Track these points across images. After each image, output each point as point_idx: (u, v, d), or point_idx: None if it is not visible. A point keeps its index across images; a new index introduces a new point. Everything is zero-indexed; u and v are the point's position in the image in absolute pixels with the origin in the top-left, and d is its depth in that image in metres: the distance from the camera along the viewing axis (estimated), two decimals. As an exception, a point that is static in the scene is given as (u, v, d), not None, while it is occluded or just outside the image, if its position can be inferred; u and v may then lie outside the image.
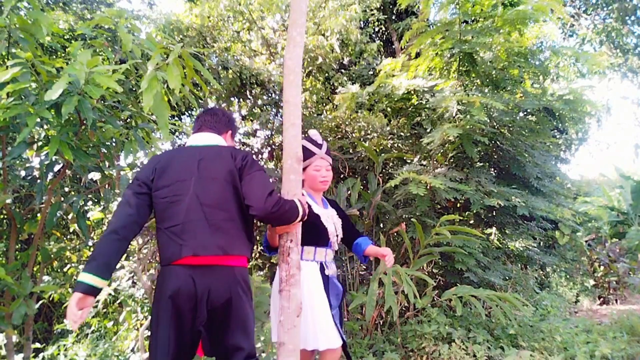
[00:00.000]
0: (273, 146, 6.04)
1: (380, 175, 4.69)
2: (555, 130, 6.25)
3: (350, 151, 5.00)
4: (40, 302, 3.85)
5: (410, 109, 4.88)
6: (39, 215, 2.59)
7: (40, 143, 2.48)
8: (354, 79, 6.25)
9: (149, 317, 3.59)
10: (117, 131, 2.52)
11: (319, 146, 2.38)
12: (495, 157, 4.64)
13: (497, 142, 4.46)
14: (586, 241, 7.55)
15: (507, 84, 4.54)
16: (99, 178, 2.85)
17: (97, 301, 3.84)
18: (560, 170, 5.75)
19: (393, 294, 3.23)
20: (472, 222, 4.76)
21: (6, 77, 1.84)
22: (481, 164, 4.65)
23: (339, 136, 5.33)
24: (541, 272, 6.74)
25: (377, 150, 4.88)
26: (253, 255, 4.81)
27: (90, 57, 1.98)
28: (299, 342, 1.90)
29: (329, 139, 5.44)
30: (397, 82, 4.50)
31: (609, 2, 8.68)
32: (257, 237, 4.47)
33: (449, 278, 4.21)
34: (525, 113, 4.84)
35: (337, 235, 2.39)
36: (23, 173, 2.61)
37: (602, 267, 7.41)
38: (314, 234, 2.26)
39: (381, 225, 4.61)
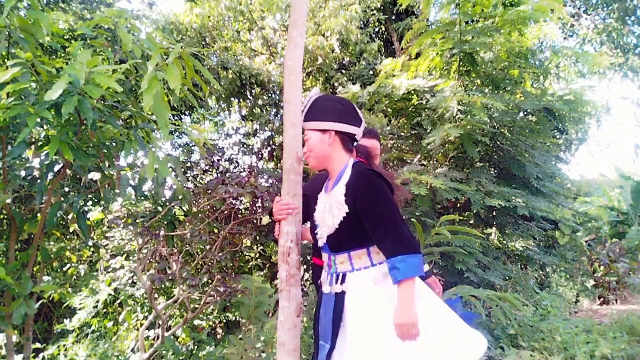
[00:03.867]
0: (273, 146, 6.05)
1: (381, 175, 4.68)
2: (555, 130, 6.25)
3: (350, 151, 4.99)
4: (40, 302, 3.85)
5: (410, 109, 4.88)
6: (39, 215, 2.58)
7: (40, 143, 2.48)
8: (354, 79, 6.24)
9: (149, 317, 3.60)
10: (117, 131, 2.52)
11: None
12: (496, 157, 4.65)
13: (498, 142, 4.46)
14: (586, 241, 7.54)
15: (507, 84, 4.55)
16: (99, 178, 2.85)
17: (97, 301, 3.84)
18: (560, 170, 5.75)
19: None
20: (472, 222, 4.76)
21: (6, 77, 1.84)
22: (481, 164, 4.65)
23: (339, 136, 5.30)
24: (541, 272, 6.74)
25: (377, 150, 4.87)
26: (254, 255, 4.81)
27: (90, 57, 1.98)
28: (299, 342, 1.89)
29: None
30: (398, 82, 4.50)
31: (609, 2, 8.67)
32: (257, 237, 4.47)
33: (449, 278, 4.21)
34: (525, 113, 4.84)
35: (325, 228, 1.70)
36: (23, 173, 2.61)
37: (602, 267, 7.41)
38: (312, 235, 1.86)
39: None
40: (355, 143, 1.80)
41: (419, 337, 1.50)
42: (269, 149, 6.09)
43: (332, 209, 1.68)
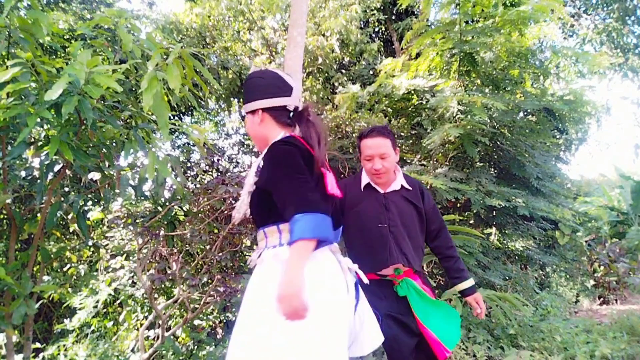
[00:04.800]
0: (273, 146, 6.04)
1: (381, 175, 4.68)
2: (555, 130, 6.25)
3: (350, 151, 5.00)
4: (40, 302, 3.85)
5: (410, 109, 4.88)
6: (39, 215, 2.58)
7: (40, 143, 2.48)
8: (354, 79, 6.25)
9: (149, 317, 3.60)
10: (117, 131, 2.52)
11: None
12: (496, 157, 4.65)
13: (498, 142, 4.46)
14: (586, 241, 7.54)
15: (507, 84, 4.55)
16: (99, 178, 2.84)
17: (97, 301, 3.84)
18: (560, 170, 5.76)
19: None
20: (472, 222, 4.76)
21: (6, 77, 1.84)
22: (481, 164, 4.66)
23: (339, 136, 5.32)
24: (541, 272, 6.74)
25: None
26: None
27: (90, 57, 1.98)
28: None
29: (329, 139, 5.44)
30: (398, 82, 4.50)
31: (609, 2, 8.67)
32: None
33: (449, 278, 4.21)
34: (525, 113, 4.84)
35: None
36: (23, 173, 2.61)
37: (602, 267, 7.41)
38: None
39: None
40: (292, 114, 1.60)
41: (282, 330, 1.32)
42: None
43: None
